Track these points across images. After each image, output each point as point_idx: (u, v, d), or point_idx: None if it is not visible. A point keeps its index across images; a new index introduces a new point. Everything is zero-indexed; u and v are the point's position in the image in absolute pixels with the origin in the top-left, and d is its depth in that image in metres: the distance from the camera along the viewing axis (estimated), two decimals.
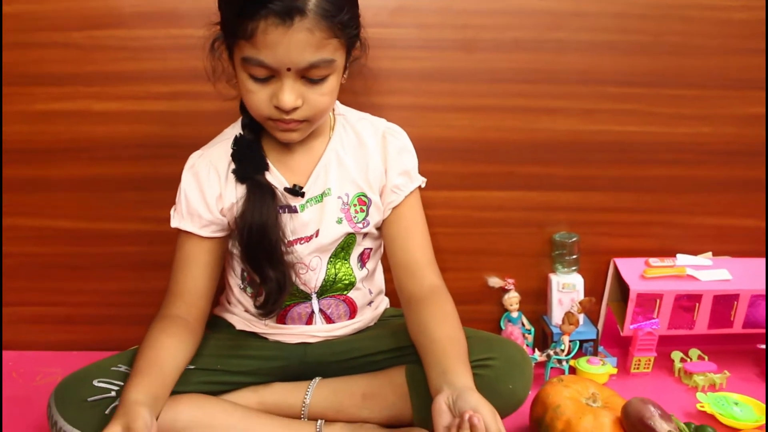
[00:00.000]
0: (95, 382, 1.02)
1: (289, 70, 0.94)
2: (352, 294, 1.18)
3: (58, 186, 1.39)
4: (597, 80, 1.39)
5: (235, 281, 1.19)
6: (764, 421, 1.24)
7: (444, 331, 1.02)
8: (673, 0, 1.35)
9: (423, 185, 1.19)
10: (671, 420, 1.07)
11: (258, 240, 1.05)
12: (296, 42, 0.91)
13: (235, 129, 1.12)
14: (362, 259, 1.19)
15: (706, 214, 1.52)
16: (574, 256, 1.47)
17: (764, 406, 1.28)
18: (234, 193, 1.09)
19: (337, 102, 1.16)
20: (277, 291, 1.07)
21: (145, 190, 1.39)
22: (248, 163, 1.08)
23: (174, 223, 1.11)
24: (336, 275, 1.15)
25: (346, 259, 1.16)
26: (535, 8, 1.34)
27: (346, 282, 1.17)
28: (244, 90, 0.99)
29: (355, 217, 1.14)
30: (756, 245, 1.55)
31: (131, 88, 1.33)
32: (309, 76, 0.96)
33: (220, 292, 1.21)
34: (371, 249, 1.20)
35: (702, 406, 1.29)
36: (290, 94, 0.96)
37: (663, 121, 1.43)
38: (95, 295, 1.47)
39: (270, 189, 1.07)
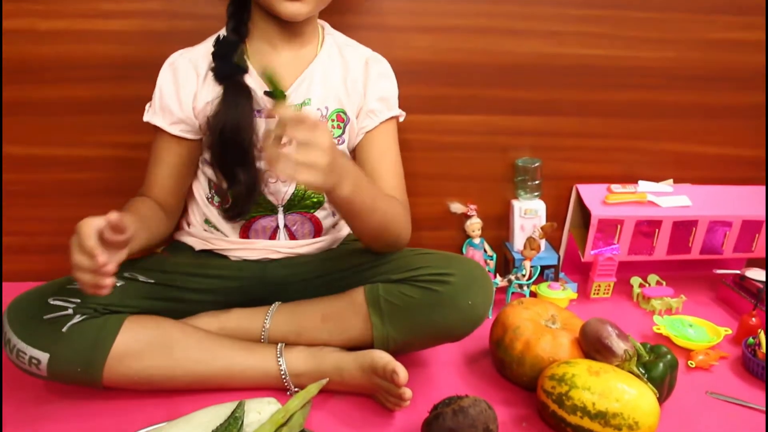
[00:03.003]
0: (51, 300, 1.01)
1: None
2: (318, 213, 1.18)
3: (7, 110, 1.33)
4: (562, 1, 1.36)
5: (200, 193, 1.17)
6: (716, 341, 1.27)
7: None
8: None
9: (401, 119, 1.18)
10: (628, 340, 1.09)
11: (231, 139, 1.05)
12: None
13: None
14: None
15: (669, 140, 1.52)
16: (537, 182, 1.47)
17: (717, 327, 1.31)
18: (210, 94, 1.09)
19: (327, 24, 1.18)
20: (246, 194, 1.08)
21: (97, 114, 1.34)
22: (228, 62, 1.07)
23: (146, 117, 1.12)
24: (305, 191, 1.15)
25: None
26: None
27: (315, 200, 1.16)
28: None
29: (331, 131, 1.13)
30: (715, 172, 1.57)
31: (79, 6, 1.26)
32: None
33: (180, 216, 1.20)
34: None
35: (658, 329, 1.32)
36: None
37: (628, 44, 1.41)
38: (51, 223, 1.43)
39: (246, 89, 1.07)
